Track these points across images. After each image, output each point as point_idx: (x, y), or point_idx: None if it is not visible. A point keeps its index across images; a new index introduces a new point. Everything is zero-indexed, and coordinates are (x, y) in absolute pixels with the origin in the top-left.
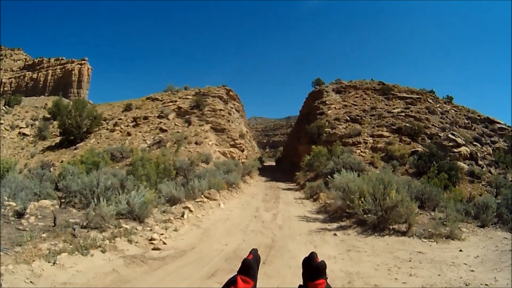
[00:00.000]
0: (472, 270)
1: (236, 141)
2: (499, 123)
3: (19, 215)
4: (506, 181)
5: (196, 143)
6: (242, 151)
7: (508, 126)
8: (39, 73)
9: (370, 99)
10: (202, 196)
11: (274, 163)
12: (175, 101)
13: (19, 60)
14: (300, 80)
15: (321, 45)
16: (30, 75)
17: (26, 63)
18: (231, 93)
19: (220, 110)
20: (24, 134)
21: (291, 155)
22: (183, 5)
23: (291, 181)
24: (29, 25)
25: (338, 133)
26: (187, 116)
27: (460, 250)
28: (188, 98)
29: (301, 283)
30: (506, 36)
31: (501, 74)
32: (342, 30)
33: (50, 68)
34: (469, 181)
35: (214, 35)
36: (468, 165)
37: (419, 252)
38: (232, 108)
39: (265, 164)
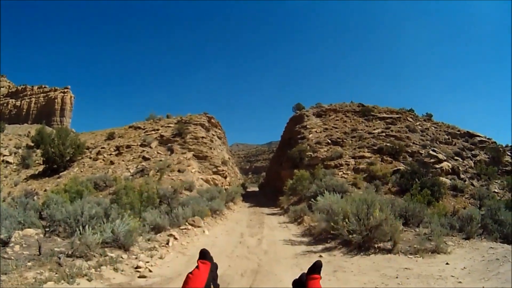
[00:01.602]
0: (460, 282)
1: (219, 168)
2: (479, 136)
3: (4, 243)
4: (489, 192)
5: (179, 171)
6: (225, 177)
7: (488, 139)
8: (23, 101)
9: (351, 121)
10: (187, 223)
11: (257, 189)
12: (157, 130)
13: (2, 87)
14: (281, 105)
15: (300, 70)
16: (14, 102)
17: (10, 90)
18: (212, 120)
19: (202, 137)
20: (7, 162)
21: (274, 180)
22: (164, 31)
23: (274, 206)
24: (12, 52)
25: (320, 156)
26: (169, 144)
27: (447, 263)
28: (170, 126)
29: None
30: (485, 47)
31: (480, 87)
32: (320, 53)
33: (34, 96)
34: (452, 195)
35: (196, 63)
36: (450, 179)
37: (406, 268)
38: (214, 135)
39: (248, 190)
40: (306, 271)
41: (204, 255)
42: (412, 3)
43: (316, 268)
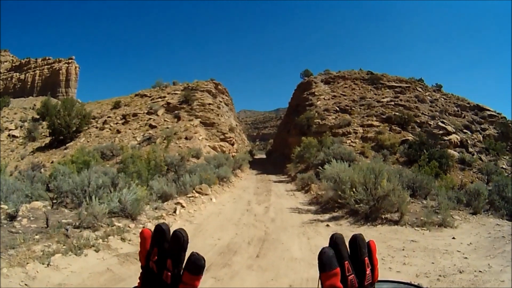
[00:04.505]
0: (466, 257)
1: (226, 135)
2: (489, 110)
3: (11, 217)
4: (497, 168)
5: (186, 138)
6: (232, 144)
7: (498, 113)
8: (27, 74)
9: (359, 89)
10: (194, 191)
11: (264, 156)
12: (164, 97)
13: (6, 61)
14: (289, 71)
15: (309, 36)
16: (18, 76)
17: (13, 64)
18: (219, 87)
19: (209, 104)
20: (13, 136)
21: (282, 147)
22: (171, 1)
23: (282, 174)
24: (15, 26)
25: (328, 124)
26: (176, 112)
27: (453, 238)
28: (176, 94)
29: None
30: (495, 23)
31: (490, 61)
32: (330, 20)
33: (38, 69)
34: (460, 169)
35: (201, 29)
36: (458, 152)
37: (412, 240)
38: (221, 102)
39: (255, 157)
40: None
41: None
42: None
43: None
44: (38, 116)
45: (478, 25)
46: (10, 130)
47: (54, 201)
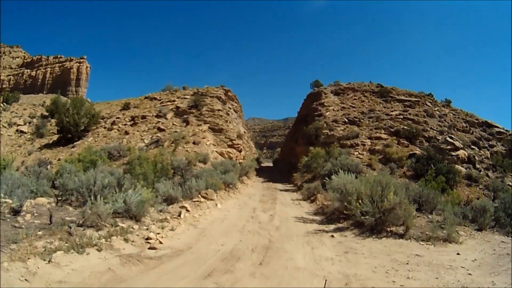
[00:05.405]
0: (470, 274)
1: (234, 141)
2: (497, 127)
3: (15, 212)
4: (503, 185)
5: (194, 143)
6: (240, 151)
7: (507, 130)
8: (38, 71)
9: (369, 102)
10: (199, 196)
11: (271, 164)
12: (173, 101)
13: (17, 57)
14: (299, 81)
15: (320, 47)
16: (29, 72)
17: (25, 61)
18: (229, 93)
19: (218, 110)
20: (21, 132)
21: (289, 156)
22: (183, 4)
23: (288, 182)
24: (28, 22)
25: (336, 135)
26: (185, 116)
27: (458, 254)
28: (186, 98)
29: None
30: (505, 39)
31: (500, 77)
32: (341, 32)
33: (49, 66)
34: (467, 185)
35: (213, 35)
36: (465, 168)
37: (417, 255)
38: (230, 108)
39: (262, 164)
40: None
41: None
42: None
43: None
44: (47, 113)
45: (488, 41)
46: (18, 125)
47: (59, 198)
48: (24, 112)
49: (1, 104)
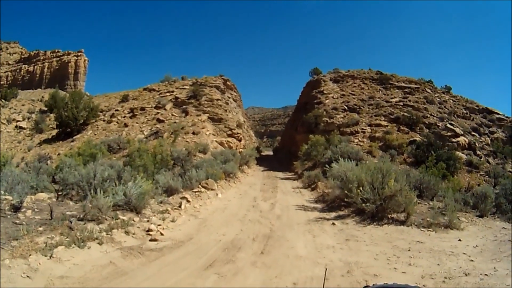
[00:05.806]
0: (472, 260)
1: (234, 130)
2: (498, 113)
3: (16, 208)
4: (504, 171)
5: (193, 133)
6: (240, 140)
7: (507, 117)
8: (35, 66)
9: (368, 89)
10: (200, 186)
11: (271, 153)
12: (172, 92)
13: (15, 53)
14: (298, 69)
15: (319, 34)
16: (26, 68)
17: (22, 56)
18: (228, 83)
19: (217, 100)
20: (20, 128)
21: (289, 144)
22: None
23: (288, 171)
24: (25, 18)
25: (336, 123)
26: (184, 106)
27: (459, 240)
28: (185, 88)
29: None
30: (505, 26)
31: (500, 64)
32: (341, 20)
33: (47, 61)
34: (467, 171)
35: (211, 25)
36: (466, 155)
37: (418, 241)
38: (229, 98)
39: (262, 153)
40: None
41: None
42: None
43: None
44: (45, 108)
45: (487, 28)
46: (17, 121)
47: (60, 193)
48: (22, 108)
49: (0, 101)
